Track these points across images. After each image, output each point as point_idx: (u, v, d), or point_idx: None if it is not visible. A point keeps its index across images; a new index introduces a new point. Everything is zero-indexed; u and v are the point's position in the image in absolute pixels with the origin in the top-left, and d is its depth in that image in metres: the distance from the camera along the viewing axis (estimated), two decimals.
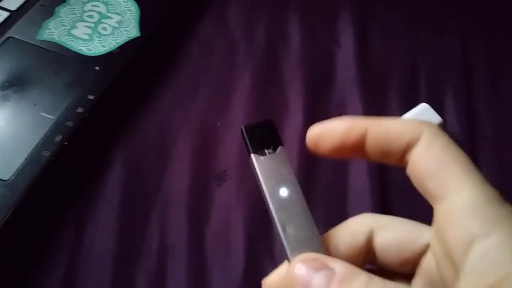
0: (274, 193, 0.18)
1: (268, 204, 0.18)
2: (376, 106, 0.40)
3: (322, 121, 0.19)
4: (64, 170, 0.32)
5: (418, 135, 0.17)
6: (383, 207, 0.34)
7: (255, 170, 0.19)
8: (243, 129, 0.19)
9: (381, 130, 0.18)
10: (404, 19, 0.47)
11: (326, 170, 0.36)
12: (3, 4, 0.40)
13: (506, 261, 0.14)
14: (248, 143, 0.19)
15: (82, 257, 0.30)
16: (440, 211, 0.17)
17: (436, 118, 0.37)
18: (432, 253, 0.18)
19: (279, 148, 0.19)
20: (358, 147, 0.18)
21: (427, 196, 0.17)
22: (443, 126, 0.38)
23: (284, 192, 0.18)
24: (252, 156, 0.19)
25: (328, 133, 0.19)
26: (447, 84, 0.42)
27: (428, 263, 0.18)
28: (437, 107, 0.38)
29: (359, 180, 0.35)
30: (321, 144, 0.19)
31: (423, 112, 0.37)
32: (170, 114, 0.38)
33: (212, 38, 0.43)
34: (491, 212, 0.15)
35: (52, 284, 0.29)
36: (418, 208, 0.21)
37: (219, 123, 0.37)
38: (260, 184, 0.18)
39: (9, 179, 0.30)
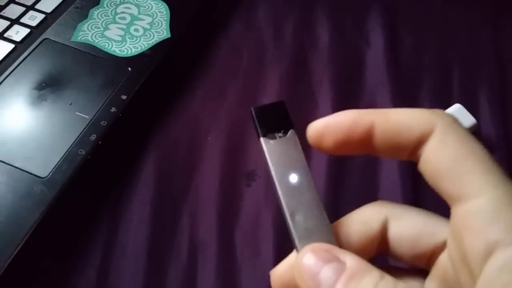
0: (284, 179, 0.17)
1: (277, 191, 0.17)
2: (408, 107, 0.39)
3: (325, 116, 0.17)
4: (98, 168, 0.33)
5: (431, 128, 0.16)
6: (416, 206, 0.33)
7: (264, 155, 0.18)
8: (253, 111, 0.18)
9: (389, 123, 0.17)
10: (435, 17, 0.46)
11: (356, 170, 0.35)
12: (39, 7, 0.41)
13: None
14: (258, 126, 0.18)
15: (115, 253, 0.31)
16: (457, 214, 0.15)
17: (469, 119, 0.36)
18: (449, 255, 0.16)
19: (290, 132, 0.18)
20: (364, 142, 0.17)
21: (442, 195, 0.16)
22: (477, 127, 0.37)
23: (294, 178, 0.17)
24: (262, 140, 0.18)
25: (332, 127, 0.17)
26: (480, 83, 0.41)
27: (444, 262, 0.17)
28: (471, 108, 0.37)
29: (390, 180, 0.35)
30: (325, 139, 0.17)
31: (456, 112, 0.36)
32: (200, 114, 0.38)
33: (241, 38, 0.43)
34: None
35: (86, 279, 0.30)
36: None
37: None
38: (269, 170, 0.18)
39: (46, 176, 0.31)
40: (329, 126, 0.17)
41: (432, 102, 0.40)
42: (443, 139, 0.16)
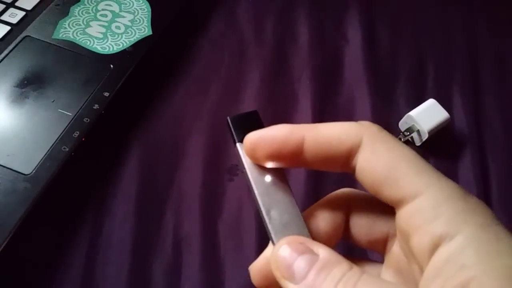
0: (259, 179, 0.19)
1: (253, 190, 0.19)
2: (384, 102, 0.41)
3: (260, 129, 0.18)
4: (82, 164, 0.34)
5: (359, 139, 0.17)
6: None
7: (240, 158, 0.19)
8: (229, 120, 0.20)
9: (319, 137, 0.17)
10: (412, 15, 0.47)
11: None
12: (19, 4, 0.41)
13: (471, 263, 0.14)
14: (234, 132, 0.19)
15: (100, 248, 0.32)
16: (401, 216, 0.16)
17: (443, 114, 0.37)
18: (400, 247, 0.17)
19: None
20: (296, 155, 0.18)
21: (384, 201, 0.17)
22: (451, 122, 0.38)
23: (268, 178, 0.19)
24: (238, 145, 0.19)
25: (265, 139, 0.18)
26: (454, 79, 0.43)
27: (398, 252, 0.18)
28: (445, 103, 0.38)
29: None
30: (258, 151, 0.18)
31: (430, 107, 0.38)
32: (182, 110, 0.39)
33: (222, 35, 0.44)
34: (453, 210, 0.15)
35: (72, 274, 0.31)
36: None
37: None
38: (245, 171, 0.19)
39: (30, 173, 0.31)
40: (263, 139, 0.18)
41: (407, 97, 0.41)
42: (373, 148, 0.17)
